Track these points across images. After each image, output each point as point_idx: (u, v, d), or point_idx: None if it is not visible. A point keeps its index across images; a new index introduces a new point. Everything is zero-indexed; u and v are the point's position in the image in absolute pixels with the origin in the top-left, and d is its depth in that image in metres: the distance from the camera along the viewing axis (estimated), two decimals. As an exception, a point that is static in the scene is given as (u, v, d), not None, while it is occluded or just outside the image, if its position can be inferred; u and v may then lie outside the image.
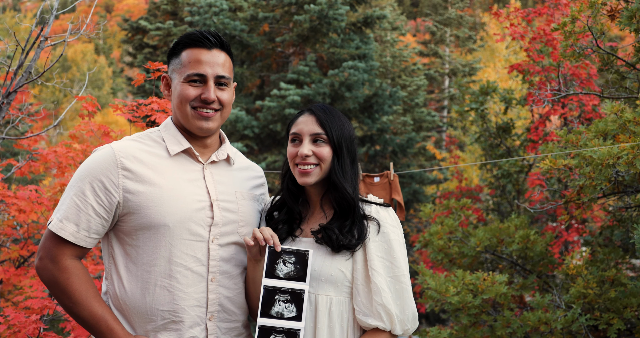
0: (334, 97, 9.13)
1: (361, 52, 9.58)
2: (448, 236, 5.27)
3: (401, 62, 17.62)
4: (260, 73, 10.00)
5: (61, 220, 2.10)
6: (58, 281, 2.12)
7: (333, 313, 2.20)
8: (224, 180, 2.33)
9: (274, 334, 2.15)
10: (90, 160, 2.17)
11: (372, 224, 2.20)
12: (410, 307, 2.19)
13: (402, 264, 2.19)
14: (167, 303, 2.18)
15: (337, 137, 2.22)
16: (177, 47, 2.21)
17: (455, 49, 21.73)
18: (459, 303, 4.18)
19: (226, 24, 9.08)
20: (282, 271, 2.17)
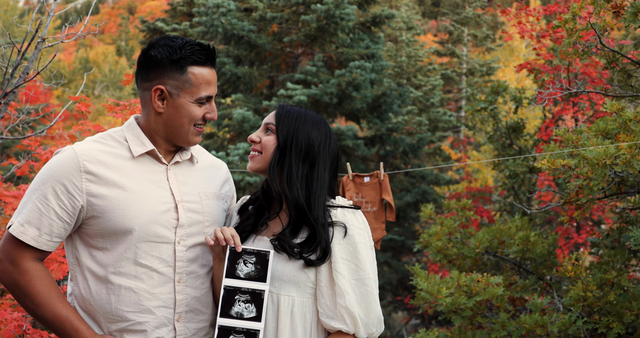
0: (341, 97, 9.10)
1: (370, 52, 9.53)
2: (447, 237, 5.22)
3: (416, 62, 17.51)
4: (269, 73, 10.01)
5: (22, 224, 2.09)
6: (19, 284, 2.11)
7: (295, 314, 2.17)
8: (187, 180, 2.31)
9: (234, 334, 2.14)
10: (53, 163, 2.14)
11: (338, 228, 2.17)
12: (375, 311, 2.15)
13: (367, 267, 2.15)
14: (133, 304, 2.17)
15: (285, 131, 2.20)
16: (180, 62, 2.13)
17: (473, 48, 21.55)
18: (451, 305, 4.13)
19: (234, 24, 9.11)
20: (242, 272, 2.16)
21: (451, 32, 20.51)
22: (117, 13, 59.51)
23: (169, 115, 2.20)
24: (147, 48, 2.20)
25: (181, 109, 2.18)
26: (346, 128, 8.80)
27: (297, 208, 2.17)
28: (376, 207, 4.34)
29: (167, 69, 2.15)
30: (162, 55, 2.14)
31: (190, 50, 2.14)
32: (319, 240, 2.15)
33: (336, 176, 2.32)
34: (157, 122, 2.23)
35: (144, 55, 2.19)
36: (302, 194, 2.17)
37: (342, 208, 2.21)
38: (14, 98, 9.67)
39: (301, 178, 2.18)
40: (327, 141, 2.24)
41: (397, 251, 11.59)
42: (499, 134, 8.53)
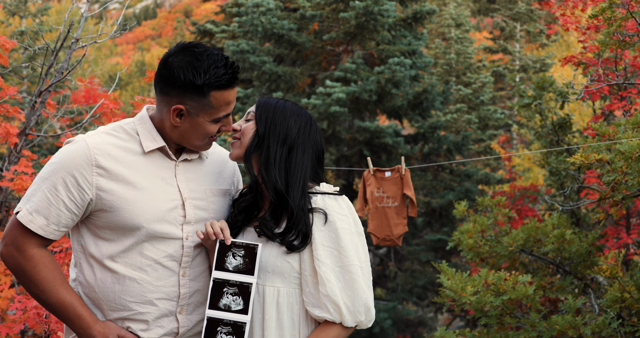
0: (380, 94, 9.01)
1: (411, 49, 9.40)
2: (480, 234, 5.08)
3: (466, 59, 17.20)
4: (310, 72, 10.01)
5: (31, 212, 2.12)
6: (24, 269, 2.15)
7: (281, 304, 2.16)
8: (195, 177, 2.33)
9: (221, 326, 2.15)
10: (64, 153, 2.16)
11: (318, 214, 2.14)
12: (362, 298, 2.11)
13: (350, 253, 2.11)
14: (136, 295, 2.20)
15: (264, 117, 2.21)
16: (204, 88, 2.10)
17: (526, 44, 21.00)
18: (477, 303, 4.01)
19: (274, 23, 9.15)
20: (231, 264, 2.16)
21: (503, 28, 20.03)
22: (174, 17, 60.88)
23: (185, 129, 2.21)
24: (168, 59, 2.14)
25: (198, 127, 2.19)
26: (385, 125, 8.71)
27: (275, 192, 2.16)
28: (397, 202, 4.26)
29: (189, 91, 2.12)
30: (186, 77, 2.10)
31: (215, 76, 2.10)
32: (297, 223, 2.13)
33: (321, 163, 2.29)
34: (172, 131, 2.24)
35: (165, 67, 2.14)
36: (281, 178, 2.16)
37: (322, 195, 2.17)
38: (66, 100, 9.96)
39: (279, 161, 2.17)
40: (307, 127, 2.23)
41: (445, 252, 11.40)
42: (546, 131, 8.27)
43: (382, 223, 4.26)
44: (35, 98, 4.62)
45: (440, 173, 10.32)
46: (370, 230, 4.36)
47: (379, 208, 4.24)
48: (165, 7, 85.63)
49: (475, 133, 15.53)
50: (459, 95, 16.42)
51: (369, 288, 2.17)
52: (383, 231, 4.28)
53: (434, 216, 10.03)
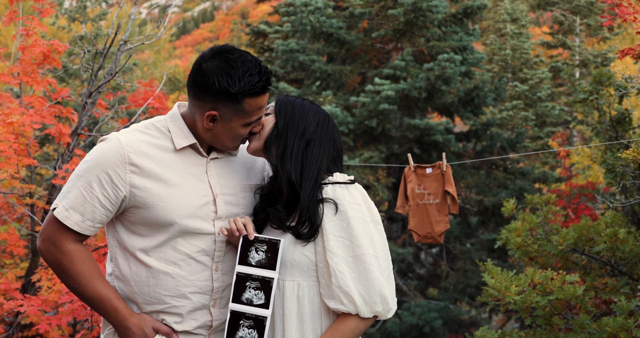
0: (430, 91, 8.89)
1: (461, 44, 9.24)
2: (529, 233, 4.93)
3: (522, 55, 16.78)
4: (360, 70, 9.98)
5: (67, 209, 2.19)
6: (61, 264, 2.23)
7: (302, 298, 2.17)
8: (225, 173, 2.37)
9: (244, 319, 2.18)
10: (98, 151, 2.22)
11: (328, 205, 2.14)
12: (377, 288, 2.09)
13: (363, 243, 2.10)
14: (170, 288, 2.25)
15: (284, 113, 2.25)
16: (238, 96, 2.14)
17: (586, 38, 20.30)
18: (522, 303, 3.90)
19: (323, 22, 9.16)
20: (254, 259, 2.19)
21: (562, 22, 19.42)
22: (231, 19, 61.87)
23: (217, 132, 2.24)
24: (202, 65, 2.16)
25: (230, 131, 2.23)
26: (435, 123, 8.59)
27: (289, 184, 2.18)
28: (439, 199, 4.19)
29: (223, 98, 2.15)
30: (220, 85, 2.12)
31: (250, 83, 2.12)
32: (304, 212, 2.14)
33: (339, 158, 2.31)
34: (204, 133, 2.27)
35: (199, 73, 2.16)
36: (296, 170, 2.18)
37: (333, 184, 2.17)
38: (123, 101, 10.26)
39: (296, 154, 2.20)
40: (324, 123, 2.26)
41: (500, 251, 11.15)
42: (604, 126, 7.97)
43: (423, 220, 4.20)
44: (86, 99, 4.79)
45: (494, 170, 10.10)
46: (411, 227, 4.30)
47: (420, 205, 4.18)
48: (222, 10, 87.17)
49: (532, 131, 15.13)
50: (515, 92, 16.03)
51: (387, 277, 2.15)
52: (424, 228, 4.22)
53: (486, 215, 9.83)
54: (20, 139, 4.68)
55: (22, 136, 4.67)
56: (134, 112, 11.07)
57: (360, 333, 2.15)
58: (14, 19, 5.04)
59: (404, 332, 8.22)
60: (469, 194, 10.09)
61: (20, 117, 4.56)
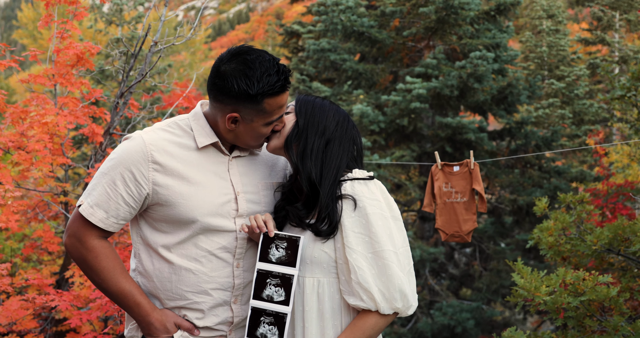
0: (462, 89, 8.79)
1: (494, 42, 9.11)
2: (561, 232, 4.83)
3: (558, 52, 16.46)
4: (392, 68, 9.93)
5: (92, 206, 2.24)
6: (86, 260, 2.27)
7: (322, 295, 2.17)
8: (247, 171, 2.39)
9: (264, 316, 2.19)
10: (122, 150, 2.26)
11: (347, 201, 2.14)
12: (396, 284, 2.07)
13: (383, 239, 2.09)
14: (192, 285, 2.28)
15: (304, 111, 2.26)
16: (257, 97, 2.14)
17: (626, 34, 19.78)
18: (552, 303, 3.82)
19: (354, 21, 9.15)
20: (274, 256, 2.20)
21: (600, 18, 18.98)
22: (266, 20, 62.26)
23: (239, 132, 2.26)
24: (220, 68, 2.17)
25: (252, 131, 2.24)
26: (467, 121, 8.49)
27: (309, 182, 2.19)
28: (466, 197, 4.13)
29: (242, 99, 2.16)
30: (239, 87, 2.13)
31: (268, 84, 2.13)
32: (323, 209, 2.14)
33: (359, 157, 2.32)
34: (226, 133, 2.29)
35: (218, 76, 2.17)
36: (316, 168, 2.19)
37: (352, 181, 2.17)
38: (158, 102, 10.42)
39: (316, 152, 2.20)
40: (344, 123, 2.28)
41: (536, 252, 10.97)
42: (644, 123, 7.76)
43: (451, 219, 4.15)
44: (117, 99, 4.88)
45: (528, 169, 9.93)
46: (439, 225, 4.25)
47: (447, 204, 4.14)
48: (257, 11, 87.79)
49: (570, 129, 14.83)
50: (551, 89, 15.74)
51: (407, 273, 2.14)
52: (452, 227, 4.17)
53: (520, 214, 9.67)
54: (54, 139, 4.79)
55: (57, 135, 4.78)
56: (167, 112, 11.25)
57: (381, 330, 2.14)
58: (50, 23, 5.17)
59: (436, 332, 8.15)
60: (502, 193, 9.94)
61: (54, 117, 4.67)
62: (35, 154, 4.64)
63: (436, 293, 9.14)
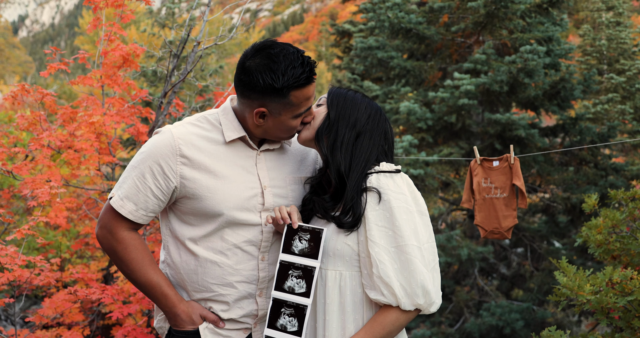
0: (512, 85, 8.57)
1: (547, 35, 8.84)
2: (611, 230, 4.64)
3: (619, 45, 15.84)
4: (441, 65, 9.80)
5: (122, 198, 2.31)
6: (116, 251, 2.35)
7: (344, 288, 2.17)
8: (276, 166, 2.41)
9: (285, 307, 2.20)
10: (152, 143, 2.32)
11: (372, 194, 2.12)
12: (419, 280, 2.04)
13: (407, 233, 2.06)
14: (217, 277, 2.33)
15: (336, 104, 2.25)
16: (283, 90, 2.16)
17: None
18: (597, 303, 3.68)
19: (401, 17, 9.07)
20: (297, 248, 2.22)
21: (664, 9, 18.19)
22: (320, 21, 62.46)
23: (268, 127, 2.29)
24: (245, 64, 2.19)
25: (281, 124, 2.27)
26: (517, 117, 8.27)
27: (338, 174, 2.19)
28: (506, 193, 4.02)
29: (269, 94, 2.17)
30: (265, 82, 2.15)
31: (293, 76, 2.14)
32: (348, 201, 2.13)
33: (390, 151, 2.30)
34: (255, 129, 2.33)
35: (244, 72, 2.18)
36: (345, 161, 2.18)
37: (378, 173, 2.15)
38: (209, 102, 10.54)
39: (346, 145, 2.20)
40: (376, 116, 2.27)
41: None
42: None
43: (490, 215, 4.05)
44: (161, 99, 4.99)
45: (583, 166, 9.60)
46: (478, 222, 4.16)
47: (487, 200, 4.04)
48: (311, 12, 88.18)
49: (631, 124, 14.24)
50: (610, 84, 15.16)
51: (432, 270, 2.10)
52: (491, 223, 4.07)
53: (574, 213, 9.36)
54: (101, 138, 4.95)
55: (103, 135, 4.94)
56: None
57: (402, 326, 2.12)
58: (98, 26, 5.33)
59: (484, 332, 7.99)
60: (556, 191, 9.65)
61: (101, 117, 4.82)
62: (84, 153, 4.80)
63: (485, 293, 8.96)
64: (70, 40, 65.31)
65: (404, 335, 2.25)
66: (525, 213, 10.64)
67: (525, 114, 8.44)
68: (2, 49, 56.45)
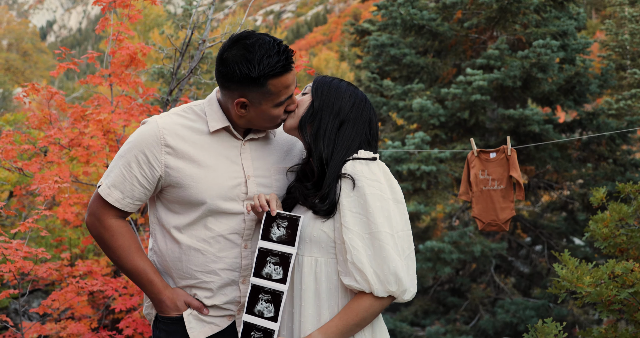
0: (526, 80, 8.49)
1: (561, 29, 8.75)
2: (618, 223, 4.58)
3: (642, 39, 15.55)
4: (455, 61, 9.75)
5: (109, 187, 2.37)
6: (103, 238, 2.41)
7: (320, 274, 2.18)
8: (260, 155, 2.45)
9: (262, 293, 2.23)
10: (138, 133, 2.38)
11: (346, 180, 2.13)
12: (391, 267, 2.05)
13: (379, 220, 2.07)
14: (200, 264, 2.37)
15: (320, 93, 2.26)
16: (260, 79, 2.18)
17: None
18: (597, 295, 3.64)
19: (413, 14, 9.05)
20: (275, 235, 2.24)
21: (690, 2, 17.76)
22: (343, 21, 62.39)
23: (251, 117, 2.33)
24: (223, 55, 2.22)
25: (263, 114, 2.30)
26: (531, 112, 8.19)
27: (320, 162, 2.20)
28: (503, 185, 3.99)
29: (246, 84, 2.20)
30: (241, 72, 2.18)
31: (269, 65, 2.16)
32: (325, 188, 2.14)
33: (373, 140, 2.30)
34: (238, 119, 2.36)
35: (222, 63, 2.23)
36: (328, 149, 2.20)
37: (353, 160, 2.16)
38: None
39: (329, 133, 2.21)
40: (360, 105, 2.27)
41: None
42: None
43: (487, 207, 4.02)
44: (167, 96, 5.07)
45: (601, 162, 9.46)
46: (475, 214, 4.14)
47: (484, 191, 4.02)
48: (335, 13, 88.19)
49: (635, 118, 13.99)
50: (634, 79, 14.90)
51: (406, 258, 2.10)
52: (488, 215, 4.05)
53: (592, 209, 9.24)
54: (109, 135, 5.04)
55: (111, 132, 5.02)
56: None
57: (375, 313, 2.12)
58: (106, 26, 5.43)
59: (499, 329, 7.92)
60: (573, 188, 9.53)
61: (108, 115, 4.91)
62: (92, 150, 4.90)
63: (502, 290, 8.89)
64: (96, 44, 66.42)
65: (380, 322, 2.26)
66: (543, 210, 10.52)
67: (538, 110, 8.36)
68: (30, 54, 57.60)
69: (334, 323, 2.10)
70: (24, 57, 57.41)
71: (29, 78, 44.28)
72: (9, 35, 63.45)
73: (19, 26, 67.26)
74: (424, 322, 8.62)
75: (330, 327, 2.10)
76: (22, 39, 62.68)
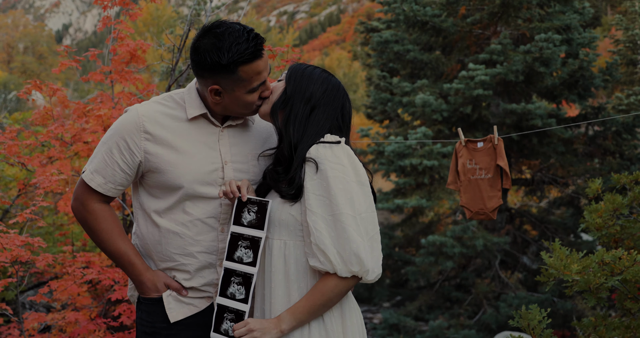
0: (528, 75, 8.48)
1: (564, 24, 8.72)
2: (612, 213, 4.58)
3: (652, 34, 15.43)
4: (459, 57, 9.76)
5: (92, 172, 2.47)
6: (87, 221, 2.50)
7: (288, 257, 2.24)
8: (239, 142, 2.53)
9: (234, 276, 2.31)
10: (119, 121, 2.47)
11: (310, 164, 2.18)
12: (353, 248, 2.10)
13: (341, 202, 2.11)
14: (179, 247, 2.46)
15: (293, 79, 2.30)
16: (230, 66, 2.24)
17: None
18: (584, 283, 3.65)
19: (416, 10, 9.08)
20: (246, 220, 2.32)
21: (702, -4, 17.58)
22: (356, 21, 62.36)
23: (226, 104, 2.41)
24: (195, 45, 2.30)
25: (237, 100, 2.37)
26: (534, 106, 8.18)
27: (290, 147, 2.25)
28: (491, 174, 4.02)
29: (218, 71, 2.28)
30: (212, 60, 2.25)
31: (238, 52, 2.23)
32: (292, 173, 2.20)
33: (345, 127, 2.34)
34: (215, 106, 2.45)
35: (195, 52, 2.30)
36: (298, 134, 2.24)
37: (317, 144, 2.20)
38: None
39: (300, 119, 2.26)
40: (332, 92, 2.31)
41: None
42: None
43: (475, 196, 4.06)
44: (167, 92, 5.15)
45: (607, 157, 9.42)
46: (463, 203, 4.18)
47: (472, 181, 4.05)
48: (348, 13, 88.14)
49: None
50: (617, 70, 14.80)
51: (370, 239, 2.15)
52: (476, 204, 4.08)
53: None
54: (109, 130, 5.14)
55: (111, 127, 5.13)
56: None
57: (341, 293, 2.17)
58: (107, 24, 5.54)
59: (501, 324, 7.93)
60: (576, 181, 9.50)
61: (108, 110, 5.01)
62: (93, 144, 5.00)
63: (506, 285, 8.89)
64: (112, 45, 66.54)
65: (350, 303, 2.31)
66: (550, 205, 10.49)
67: (541, 103, 8.35)
68: (46, 57, 58.28)
69: (302, 303, 2.16)
70: (40, 60, 58.16)
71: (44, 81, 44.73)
72: (25, 39, 64.26)
73: (34, 30, 68.10)
74: (428, 316, 8.65)
75: (298, 308, 2.16)
76: (38, 42, 63.48)
